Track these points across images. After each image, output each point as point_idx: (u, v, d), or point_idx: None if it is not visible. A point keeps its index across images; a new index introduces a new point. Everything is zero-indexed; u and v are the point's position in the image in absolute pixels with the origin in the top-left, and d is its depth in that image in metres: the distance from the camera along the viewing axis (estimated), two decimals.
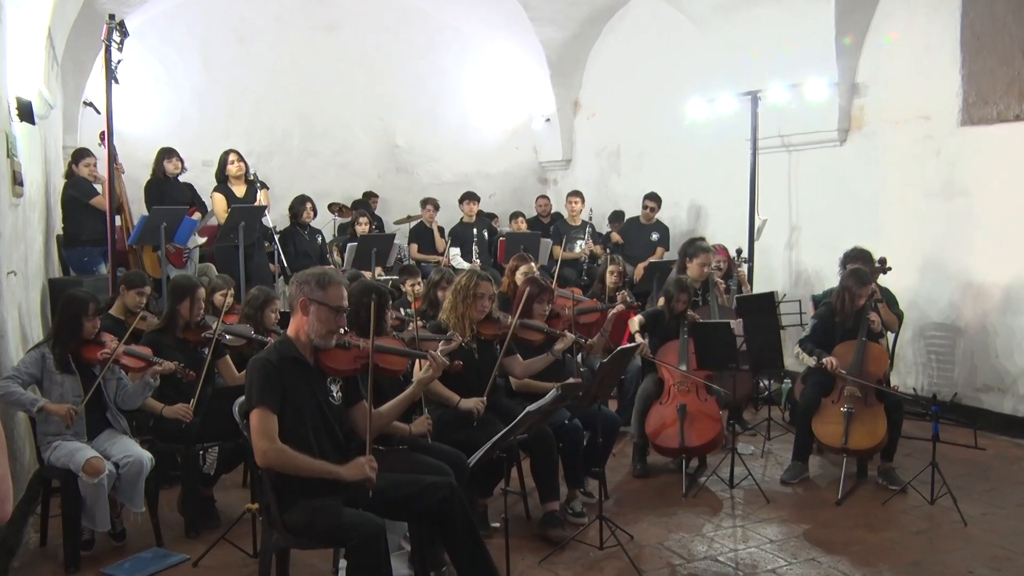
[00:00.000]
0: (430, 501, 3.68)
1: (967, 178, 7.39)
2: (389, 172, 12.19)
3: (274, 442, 3.40)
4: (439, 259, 10.21)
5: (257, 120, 11.16)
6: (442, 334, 4.84)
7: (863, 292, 5.95)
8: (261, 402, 3.41)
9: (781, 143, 9.02)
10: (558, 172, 13.19)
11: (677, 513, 5.36)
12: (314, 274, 3.60)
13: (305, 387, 3.57)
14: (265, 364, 3.48)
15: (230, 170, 8.41)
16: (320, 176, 11.47)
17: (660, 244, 10.06)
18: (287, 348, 3.58)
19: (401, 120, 12.13)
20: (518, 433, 4.14)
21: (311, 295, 3.56)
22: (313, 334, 3.58)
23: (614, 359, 4.75)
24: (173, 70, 10.71)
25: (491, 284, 5.11)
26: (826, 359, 5.85)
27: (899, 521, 5.23)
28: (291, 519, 3.51)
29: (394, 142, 12.18)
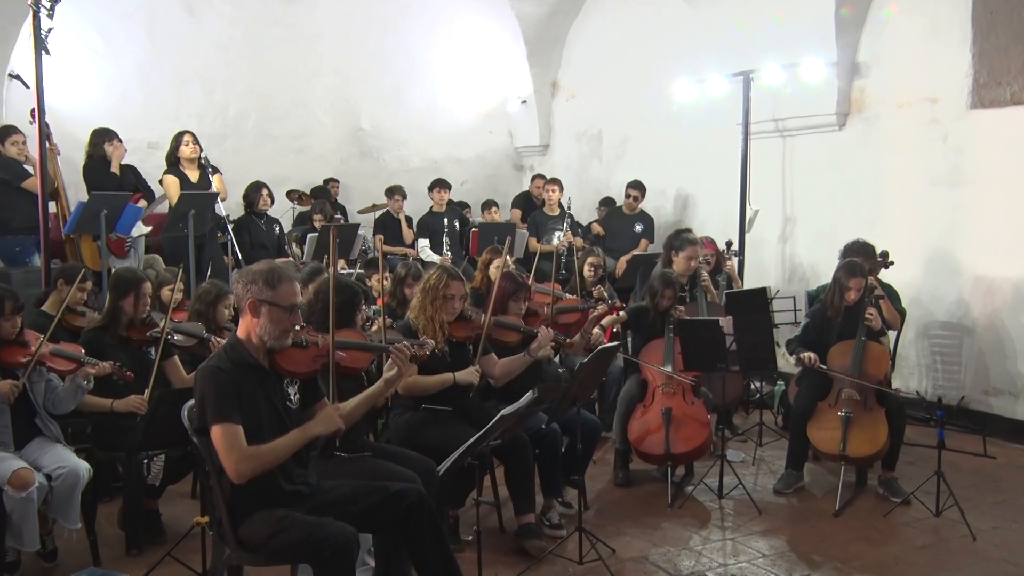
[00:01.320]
0: (396, 510, 3.66)
1: (976, 165, 7.43)
2: (353, 157, 12.13)
3: (242, 451, 3.37)
4: (407, 251, 10.17)
5: (208, 99, 11.04)
6: (412, 336, 4.81)
7: (853, 284, 5.97)
8: (221, 417, 3.37)
9: (775, 128, 9.04)
10: (535, 158, 13.17)
11: (662, 525, 5.35)
12: (261, 272, 3.54)
13: (261, 394, 3.53)
14: (217, 374, 3.43)
15: (183, 152, 8.29)
16: (278, 161, 11.38)
17: (644, 236, 10.06)
18: (238, 353, 3.54)
19: (366, 101, 12.06)
20: (491, 439, 4.12)
21: (260, 295, 3.51)
22: (266, 336, 3.54)
23: (594, 359, 4.73)
24: (114, 42, 10.53)
25: (463, 283, 5.09)
26: (803, 354, 5.87)
27: (902, 535, 5.24)
28: (247, 533, 3.47)
29: (358, 125, 12.12)
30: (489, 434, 3.99)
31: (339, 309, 4.33)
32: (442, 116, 12.65)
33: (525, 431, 4.95)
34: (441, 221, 10.37)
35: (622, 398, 6.15)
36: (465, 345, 5.15)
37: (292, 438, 3.51)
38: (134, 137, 8.96)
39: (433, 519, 3.73)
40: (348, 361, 4.00)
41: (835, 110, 8.45)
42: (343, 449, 4.17)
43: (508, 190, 12.80)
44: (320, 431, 3.58)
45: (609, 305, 6.53)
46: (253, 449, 3.39)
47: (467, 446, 3.94)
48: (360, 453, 4.27)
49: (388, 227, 10.53)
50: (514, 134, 13.28)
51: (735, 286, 7.92)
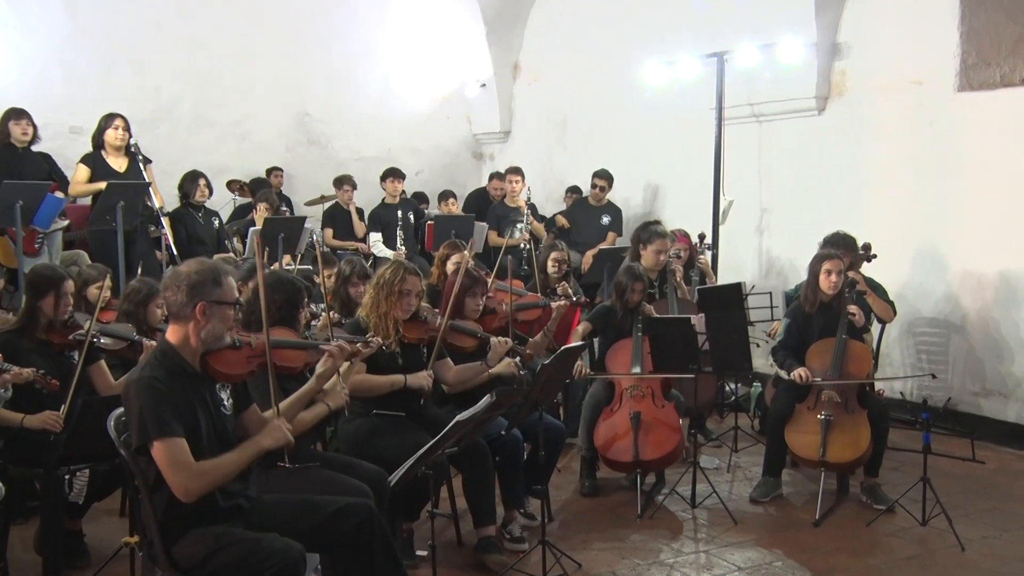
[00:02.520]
0: (344, 526, 3.65)
1: (965, 152, 7.51)
2: (299, 145, 12.02)
3: (190, 468, 3.34)
4: (358, 246, 10.11)
5: (138, 81, 10.83)
6: (360, 335, 4.77)
7: (830, 266, 5.99)
8: (163, 432, 3.31)
9: (751, 112, 9.08)
10: (495, 146, 13.15)
11: (631, 537, 5.36)
12: (203, 272, 3.52)
13: (198, 402, 3.50)
14: (153, 385, 3.37)
15: (109, 137, 8.14)
16: (217, 149, 11.22)
17: (611, 229, 10.07)
18: (171, 360, 3.49)
19: (313, 84, 11.95)
20: (446, 446, 4.10)
21: (210, 296, 3.50)
22: (212, 338, 3.54)
23: (558, 360, 4.72)
24: (27, 16, 10.27)
25: (419, 279, 5.07)
26: (795, 372, 5.89)
27: (886, 545, 5.29)
28: (181, 553, 3.43)
29: (304, 110, 12.00)
30: (443, 441, 3.97)
31: (281, 308, 4.32)
32: (395, 101, 12.56)
33: (484, 438, 4.94)
34: (394, 213, 10.30)
35: (587, 402, 6.15)
36: (418, 347, 5.13)
37: (242, 453, 3.51)
38: (52, 121, 8.80)
39: (384, 536, 3.72)
40: (283, 360, 3.97)
41: (814, 93, 8.51)
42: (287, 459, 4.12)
43: (467, 180, 12.76)
44: (269, 444, 3.57)
45: (574, 302, 6.52)
46: (201, 465, 3.36)
47: (419, 455, 3.92)
48: (306, 463, 4.21)
49: (337, 220, 10.46)
50: (473, 120, 13.23)
51: (708, 281, 7.95)
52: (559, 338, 6.53)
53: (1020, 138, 7.14)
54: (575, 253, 9.40)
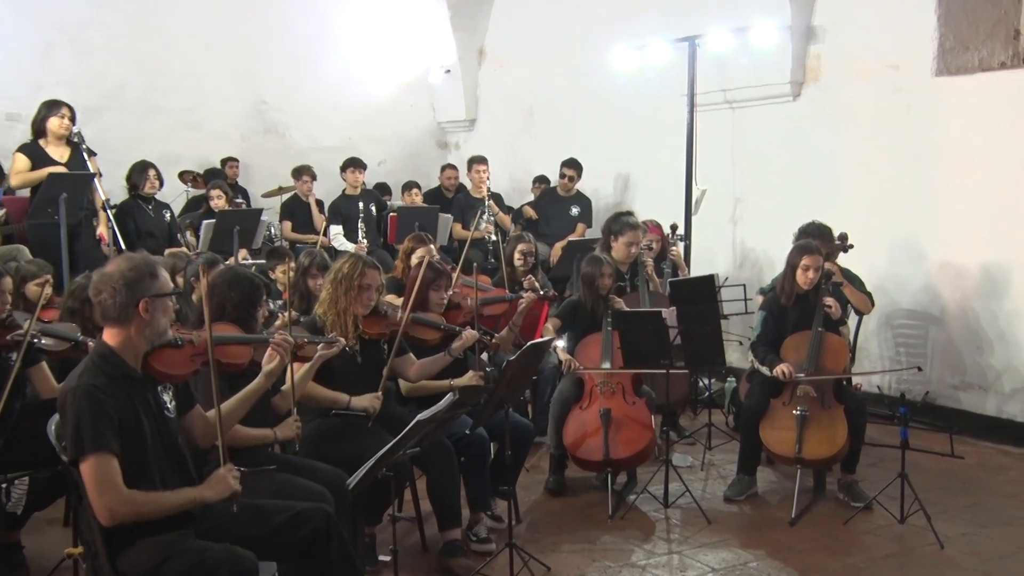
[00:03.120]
0: (301, 533, 3.62)
1: (942, 138, 7.56)
2: (255, 134, 11.93)
3: (120, 492, 3.27)
4: (317, 239, 10.03)
5: (82, 65, 10.68)
6: (319, 334, 4.73)
7: (809, 261, 6.01)
8: (97, 447, 3.25)
9: (723, 99, 9.10)
10: (460, 134, 13.11)
11: (602, 538, 5.36)
12: (137, 267, 3.46)
13: (141, 408, 3.44)
14: (92, 393, 3.30)
15: (52, 126, 8.00)
16: (167, 138, 11.08)
17: (581, 220, 10.07)
18: (111, 364, 3.43)
19: (269, 70, 11.85)
20: (408, 447, 4.07)
21: (149, 291, 3.45)
22: (157, 334, 3.50)
23: (524, 356, 4.70)
24: None
25: (379, 272, 5.05)
26: (777, 368, 5.90)
27: (864, 544, 5.31)
28: (127, 564, 3.38)
29: (260, 97, 11.91)
30: (404, 442, 3.94)
31: (237, 306, 4.27)
32: (356, 88, 12.49)
33: (449, 437, 4.94)
34: (356, 205, 10.25)
35: (556, 399, 6.14)
36: (379, 344, 5.10)
37: (181, 499, 3.43)
38: None
39: (342, 542, 3.70)
40: (228, 357, 3.92)
41: (789, 79, 8.54)
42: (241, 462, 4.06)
43: (431, 170, 12.70)
44: (212, 497, 3.48)
45: (541, 296, 6.50)
46: (134, 494, 3.30)
47: (379, 456, 3.89)
48: (261, 467, 4.17)
49: (296, 212, 10.40)
50: (437, 108, 13.18)
51: (680, 273, 7.95)
52: (526, 333, 6.51)
53: (999, 124, 7.20)
54: (543, 245, 9.37)
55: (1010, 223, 7.16)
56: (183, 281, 6.37)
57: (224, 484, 3.49)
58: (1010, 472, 6.58)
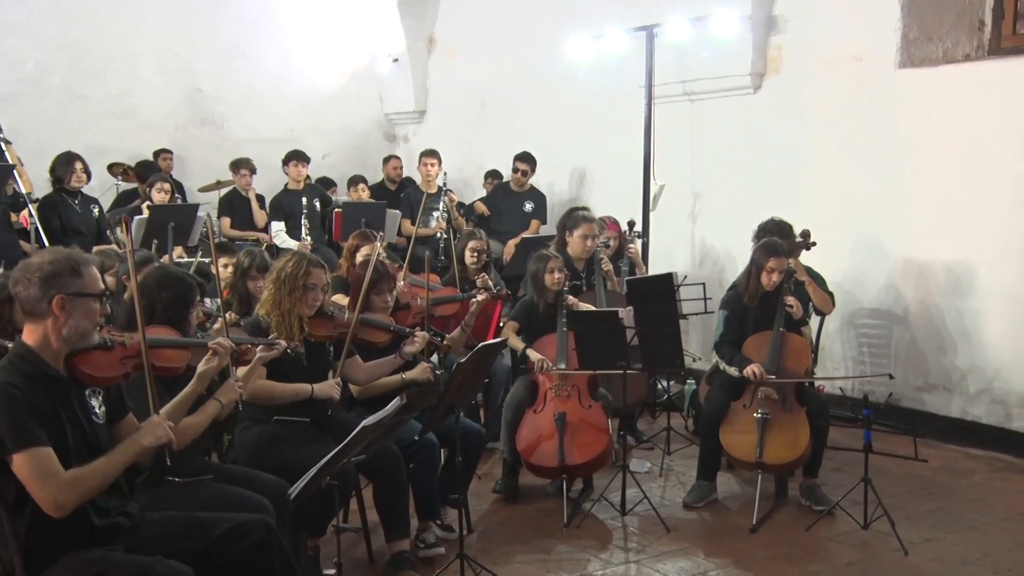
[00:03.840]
0: (240, 546, 3.60)
1: (906, 132, 7.65)
2: (191, 124, 11.83)
3: (60, 478, 3.23)
4: (259, 236, 9.97)
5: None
6: (261, 335, 4.70)
7: (775, 264, 6.07)
8: (25, 442, 3.20)
9: (682, 91, 9.15)
10: (409, 127, 13.08)
11: (557, 548, 5.37)
12: (57, 261, 3.39)
13: (63, 410, 3.38)
14: (8, 392, 3.25)
15: None
16: (95, 128, 10.96)
17: (535, 216, 10.08)
18: (30, 364, 3.37)
19: (204, 56, 11.76)
20: (353, 454, 4.06)
21: (67, 288, 3.37)
22: (76, 335, 3.42)
23: (475, 357, 4.72)
24: None
25: (324, 272, 5.03)
26: (748, 369, 5.95)
27: (827, 551, 5.38)
28: None
29: (196, 85, 11.81)
30: (349, 449, 3.92)
31: (168, 307, 4.22)
32: (298, 76, 12.43)
33: (396, 443, 4.92)
34: (298, 200, 10.18)
35: (508, 402, 6.15)
36: (325, 346, 5.09)
37: (118, 455, 3.40)
38: None
39: (284, 555, 3.68)
40: (163, 360, 3.87)
41: (749, 70, 8.60)
42: (176, 473, 4.03)
43: (378, 164, 12.65)
44: (149, 443, 3.46)
45: (494, 295, 6.51)
46: (72, 474, 3.25)
47: (322, 464, 3.87)
48: (198, 477, 4.15)
49: (236, 207, 10.31)
50: (384, 99, 13.14)
51: (638, 272, 8.00)
52: (479, 334, 6.53)
53: (963, 117, 7.28)
54: (495, 242, 9.38)
55: (974, 219, 7.26)
56: (114, 280, 6.29)
57: (160, 429, 3.48)
58: (974, 476, 6.69)
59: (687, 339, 6.64)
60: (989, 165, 7.16)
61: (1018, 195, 7.00)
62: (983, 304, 7.29)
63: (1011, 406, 7.14)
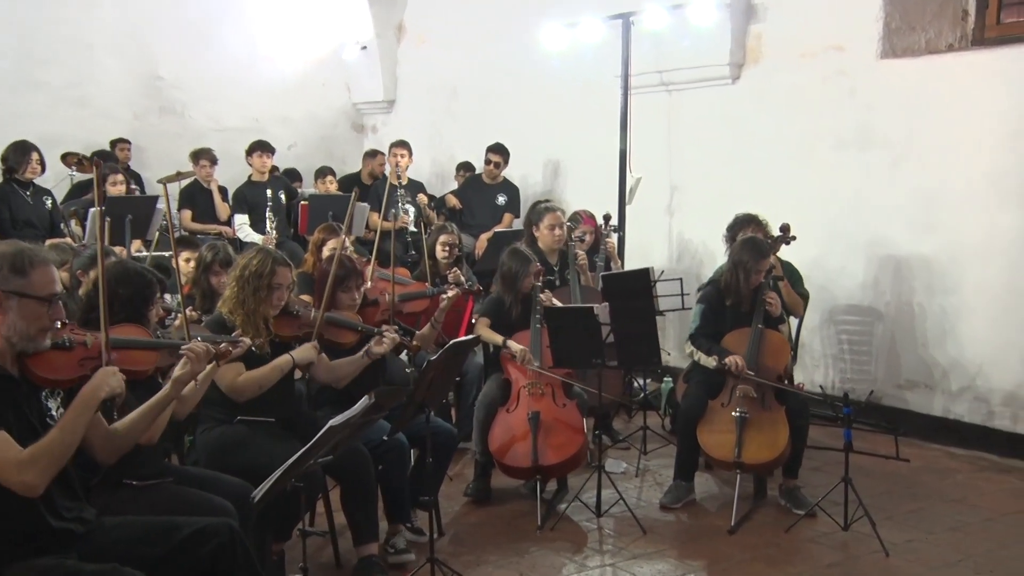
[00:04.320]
0: (201, 551, 3.56)
1: (888, 124, 7.70)
2: (150, 113, 11.76)
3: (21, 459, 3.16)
4: (221, 230, 9.92)
5: None
6: (225, 333, 4.67)
7: (763, 266, 6.10)
8: None
9: (659, 81, 9.17)
10: (378, 117, 13.06)
11: (530, 551, 5.38)
12: (3, 255, 3.33)
13: (11, 412, 3.33)
14: None
15: None
16: (49, 116, 10.86)
17: (508, 209, 10.10)
18: None
19: (164, 42, 11.70)
20: (320, 455, 4.03)
21: (5, 285, 3.30)
22: (16, 337, 3.33)
23: (446, 355, 4.70)
24: None
25: (290, 270, 5.01)
26: (729, 359, 5.96)
27: (806, 552, 5.41)
28: None
29: (155, 72, 11.75)
30: (315, 450, 3.90)
31: (126, 304, 4.17)
32: (263, 64, 12.39)
33: (365, 444, 4.91)
34: (263, 193, 10.15)
35: (480, 402, 6.15)
36: (291, 346, 5.06)
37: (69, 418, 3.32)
38: None
39: (249, 560, 3.65)
40: (130, 363, 3.81)
41: (728, 60, 8.63)
42: (134, 476, 4.01)
43: (346, 155, 12.65)
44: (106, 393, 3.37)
45: (466, 290, 6.50)
46: (30, 454, 3.19)
47: (287, 466, 3.84)
48: (157, 480, 4.12)
49: (197, 200, 10.27)
50: (352, 88, 13.12)
51: (614, 267, 8.00)
52: (450, 331, 6.51)
53: (946, 109, 7.33)
54: (467, 236, 9.38)
55: (957, 213, 7.32)
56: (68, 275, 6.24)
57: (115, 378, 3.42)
58: (957, 475, 6.75)
59: (664, 336, 6.63)
60: (972, 158, 7.21)
61: (1001, 189, 7.07)
62: (965, 300, 7.35)
63: (994, 404, 7.22)
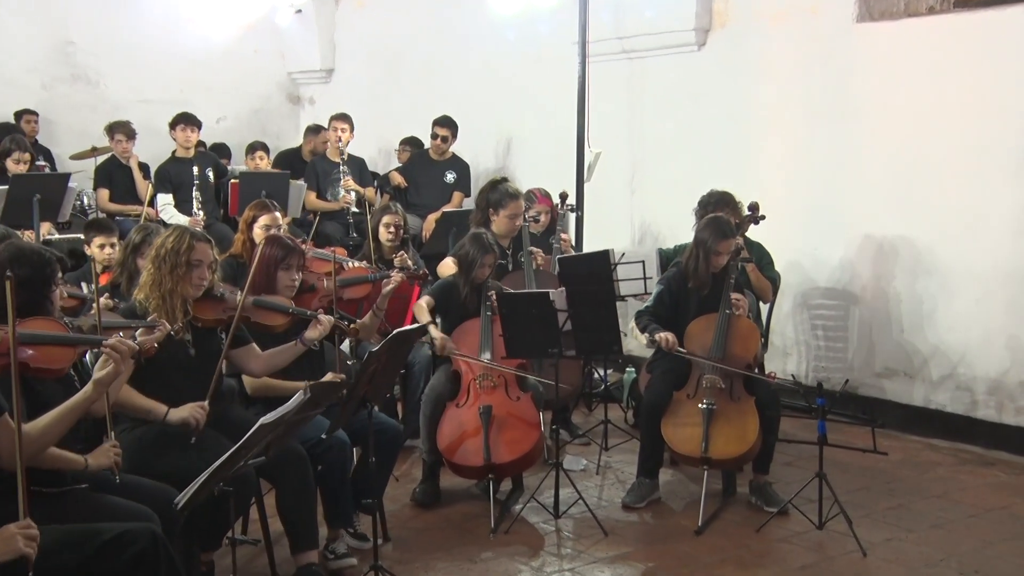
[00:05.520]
0: (121, 559, 3.56)
1: (865, 92, 7.75)
2: (60, 82, 11.61)
3: None
4: (143, 211, 9.80)
5: None
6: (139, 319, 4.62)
7: (723, 248, 6.12)
8: None
9: (620, 48, 9.19)
10: (315, 87, 13.01)
11: (482, 556, 5.38)
12: None
13: None
14: None
15: None
16: None
17: (457, 188, 10.07)
18: None
19: (78, 3, 11.57)
20: (251, 455, 4.01)
21: None
22: None
23: (390, 346, 4.70)
24: None
25: (210, 246, 4.96)
26: (659, 335, 6.00)
27: (779, 553, 5.46)
28: None
29: (66, 37, 11.60)
30: (244, 450, 3.88)
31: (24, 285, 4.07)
32: (188, 28, 12.28)
33: (301, 443, 4.88)
34: (188, 170, 10.05)
35: (428, 395, 6.14)
36: (215, 332, 5.03)
37: None
38: None
39: (174, 570, 3.65)
40: (39, 361, 3.76)
41: (694, 25, 8.65)
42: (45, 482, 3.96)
43: (280, 129, 12.58)
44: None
45: (411, 275, 6.49)
46: None
47: (214, 468, 3.82)
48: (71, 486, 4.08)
49: (115, 178, 10.11)
50: (286, 55, 13.04)
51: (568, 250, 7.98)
52: (394, 319, 6.50)
53: (927, 76, 7.39)
54: (414, 217, 9.36)
55: (937, 189, 7.40)
56: None
57: None
58: (938, 468, 6.85)
59: (625, 323, 6.63)
60: (956, 129, 7.28)
61: (986, 161, 7.15)
62: (947, 283, 7.43)
63: (977, 393, 7.32)
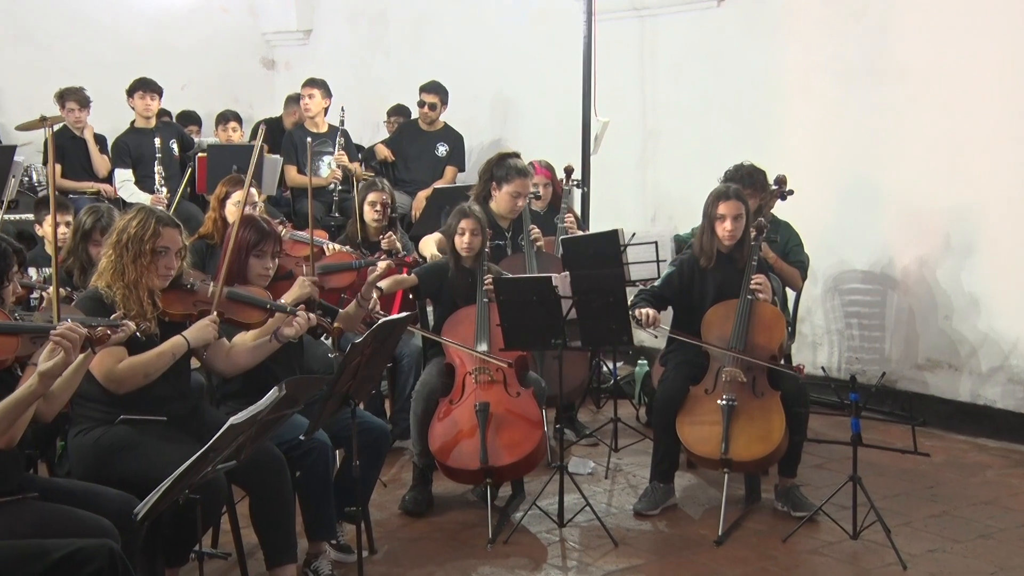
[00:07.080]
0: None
1: (904, 52, 7.72)
2: (3, 44, 11.63)
3: None
4: (100, 187, 9.81)
5: None
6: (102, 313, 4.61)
7: (725, 209, 6.06)
8: None
9: (630, 5, 9.18)
10: (291, 50, 13.02)
11: (480, 569, 5.39)
12: None
13: None
14: None
15: None
16: None
17: (450, 162, 10.08)
18: None
19: None
20: (220, 460, 4.01)
21: None
22: None
23: (374, 337, 4.69)
24: None
25: (179, 231, 4.94)
26: (640, 311, 6.01)
27: (808, 566, 5.45)
28: None
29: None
30: (213, 453, 3.87)
31: None
32: None
33: (278, 445, 4.88)
34: (149, 142, 10.07)
35: (418, 392, 6.13)
36: (184, 327, 5.00)
37: None
38: None
39: None
40: None
41: None
42: None
43: (252, 97, 12.57)
44: None
45: (399, 259, 6.48)
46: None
47: (178, 474, 3.81)
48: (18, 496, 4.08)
49: (68, 152, 10.09)
50: (259, 14, 13.07)
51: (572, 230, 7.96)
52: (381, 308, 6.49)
53: (976, 31, 7.33)
54: (402, 195, 9.35)
55: (987, 159, 7.36)
56: None
57: None
58: (987, 472, 6.83)
59: None
60: (1007, 91, 7.23)
61: None
62: (996, 263, 7.41)
63: None
